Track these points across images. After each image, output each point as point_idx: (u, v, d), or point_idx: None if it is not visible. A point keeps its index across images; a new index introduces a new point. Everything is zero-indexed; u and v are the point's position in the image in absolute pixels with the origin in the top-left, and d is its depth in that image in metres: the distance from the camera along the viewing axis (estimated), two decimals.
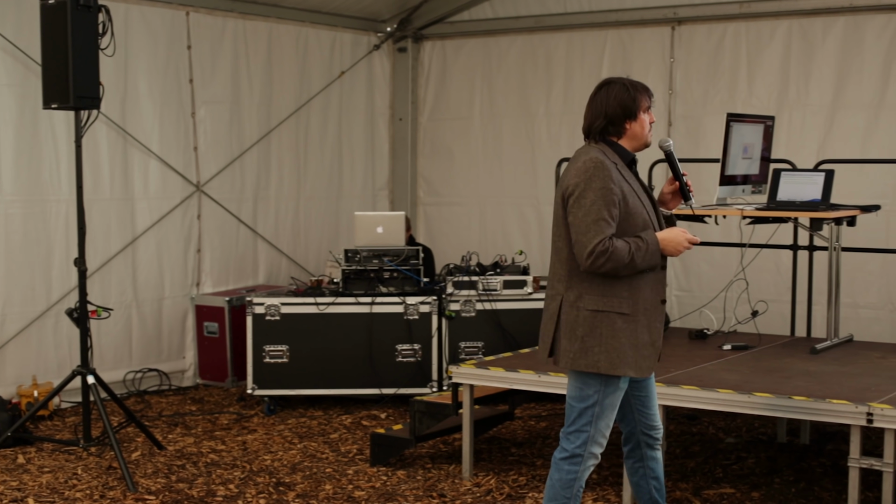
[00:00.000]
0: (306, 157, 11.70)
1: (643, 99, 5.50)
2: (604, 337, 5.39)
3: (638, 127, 5.49)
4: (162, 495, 7.27)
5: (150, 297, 10.30)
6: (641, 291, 5.42)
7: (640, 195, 5.46)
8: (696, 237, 5.45)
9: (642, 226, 5.39)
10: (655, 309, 5.49)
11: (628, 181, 5.41)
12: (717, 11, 10.63)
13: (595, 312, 5.39)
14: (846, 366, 7.48)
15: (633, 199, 5.39)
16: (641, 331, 5.45)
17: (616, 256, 5.25)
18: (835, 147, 9.99)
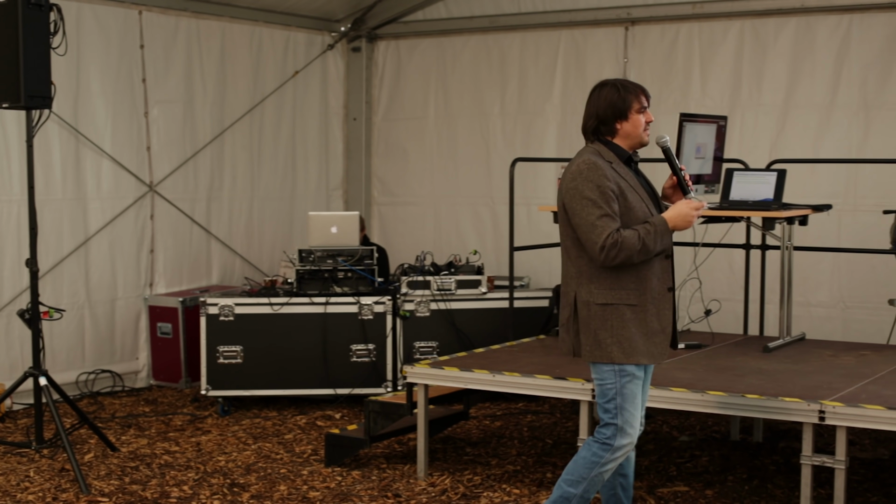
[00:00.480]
0: (260, 157, 11.67)
1: (634, 99, 5.64)
2: (615, 329, 5.58)
3: (630, 126, 5.66)
4: (115, 497, 7.23)
5: (102, 297, 10.24)
6: (648, 282, 5.59)
7: (639, 191, 5.61)
8: (702, 202, 5.63)
9: (641, 220, 5.55)
10: (663, 297, 5.63)
11: (625, 178, 5.59)
12: (670, 12, 10.68)
13: (604, 306, 5.59)
14: (798, 364, 7.53)
15: (632, 195, 5.56)
16: (651, 319, 5.61)
17: (627, 245, 5.44)
18: (787, 147, 10.05)
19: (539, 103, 11.33)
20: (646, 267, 5.58)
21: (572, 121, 11.14)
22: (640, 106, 5.65)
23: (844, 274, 10.01)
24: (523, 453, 8.27)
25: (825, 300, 10.10)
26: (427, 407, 7.59)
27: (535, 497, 7.21)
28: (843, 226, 9.92)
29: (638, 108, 5.65)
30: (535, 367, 7.40)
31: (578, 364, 7.37)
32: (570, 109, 11.17)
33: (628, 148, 5.70)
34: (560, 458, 8.08)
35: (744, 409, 6.59)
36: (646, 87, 5.71)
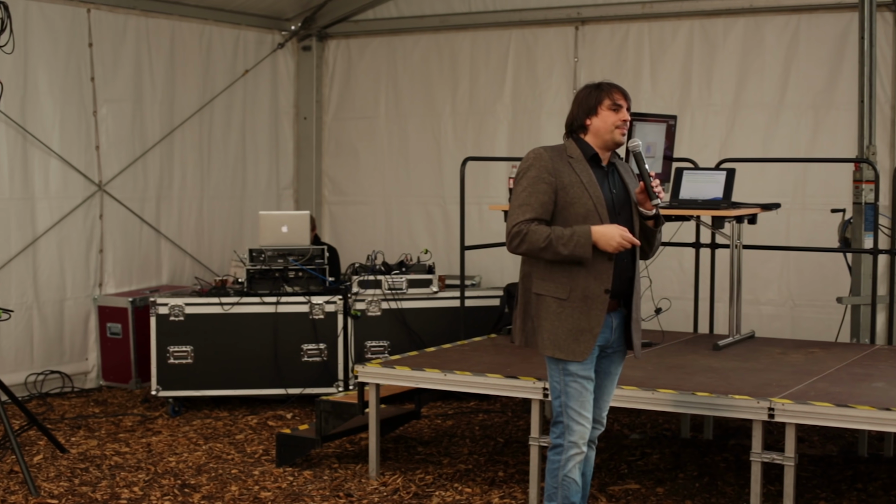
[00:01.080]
0: (210, 156, 11.61)
1: (606, 97, 5.67)
2: (542, 319, 5.64)
3: (599, 123, 5.66)
4: (65, 499, 7.18)
5: (51, 298, 10.15)
6: (580, 279, 5.57)
7: (592, 188, 5.59)
8: (635, 239, 5.58)
9: (584, 215, 5.55)
10: (597, 298, 5.59)
11: (580, 174, 5.60)
12: (620, 12, 10.72)
13: (537, 295, 5.66)
14: (748, 362, 7.58)
15: (576, 190, 5.57)
16: (579, 317, 5.59)
17: (530, 239, 5.52)
18: (736, 146, 10.11)
19: (490, 102, 11.35)
20: (578, 265, 5.57)
21: (523, 120, 11.18)
22: (612, 103, 5.66)
23: (793, 272, 10.09)
24: (475, 452, 8.27)
25: (774, 298, 10.18)
26: (378, 406, 7.59)
27: (486, 496, 7.22)
28: (792, 224, 10.00)
29: (609, 105, 5.65)
30: (487, 366, 7.41)
31: (529, 363, 7.42)
32: (521, 109, 11.19)
33: (599, 145, 5.69)
34: (511, 457, 8.10)
35: (694, 406, 6.63)
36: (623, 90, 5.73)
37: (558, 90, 11.04)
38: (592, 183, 5.61)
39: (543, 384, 6.87)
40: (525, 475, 7.33)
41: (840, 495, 7.21)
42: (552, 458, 5.78)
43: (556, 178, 5.57)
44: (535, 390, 6.90)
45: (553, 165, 5.59)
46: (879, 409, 6.13)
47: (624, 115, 5.67)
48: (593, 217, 5.56)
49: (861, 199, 8.90)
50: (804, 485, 7.33)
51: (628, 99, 5.71)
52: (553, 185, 5.57)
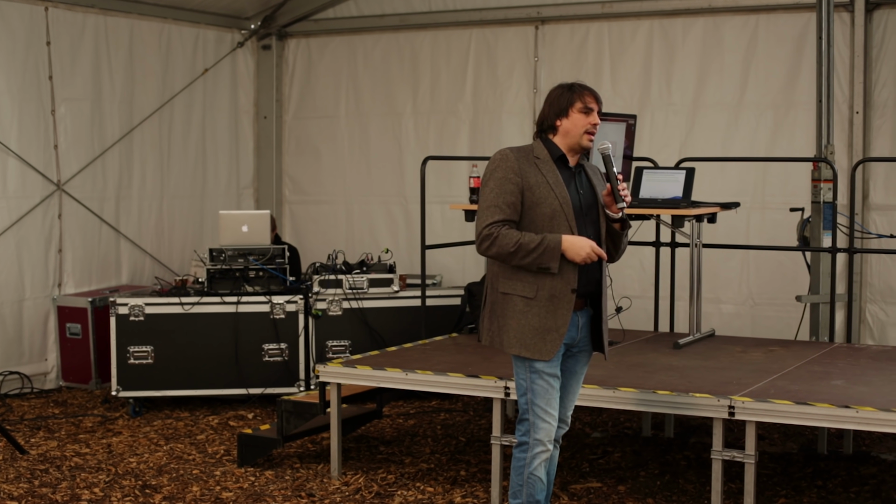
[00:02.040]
0: (170, 156, 11.56)
1: (577, 99, 5.66)
2: (508, 318, 5.66)
3: (569, 124, 5.66)
4: (25, 500, 7.13)
5: (9, 298, 10.08)
6: (547, 278, 5.58)
7: (559, 189, 5.60)
8: (602, 252, 5.61)
9: (550, 216, 5.57)
10: (564, 297, 5.61)
11: (546, 175, 5.62)
12: (580, 11, 10.75)
13: (504, 294, 5.69)
14: (708, 360, 7.62)
15: (542, 191, 5.59)
16: (546, 316, 5.61)
17: (499, 243, 5.54)
18: (696, 146, 10.17)
19: (451, 102, 11.35)
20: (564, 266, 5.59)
21: (484, 119, 11.19)
22: (583, 106, 5.65)
23: (753, 271, 10.15)
24: (437, 451, 8.28)
25: (734, 297, 10.23)
26: (340, 406, 7.58)
27: (448, 495, 7.23)
28: (752, 223, 10.06)
29: (580, 108, 5.64)
30: (448, 366, 7.41)
31: (491, 362, 7.43)
32: (483, 108, 11.21)
33: (567, 147, 5.70)
34: (473, 456, 8.11)
35: (655, 405, 6.66)
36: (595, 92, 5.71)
37: (519, 89, 11.06)
38: (559, 183, 5.62)
39: (505, 383, 6.88)
40: (487, 474, 7.34)
41: (800, 492, 7.26)
42: (517, 456, 5.78)
43: (522, 179, 5.59)
44: (496, 389, 6.91)
45: (519, 166, 5.61)
46: (839, 407, 6.17)
47: (594, 119, 5.67)
48: (559, 217, 5.57)
49: (819, 198, 8.96)
50: (765, 482, 7.37)
51: (600, 102, 5.72)
52: (520, 186, 5.58)
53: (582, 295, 5.69)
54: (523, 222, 5.60)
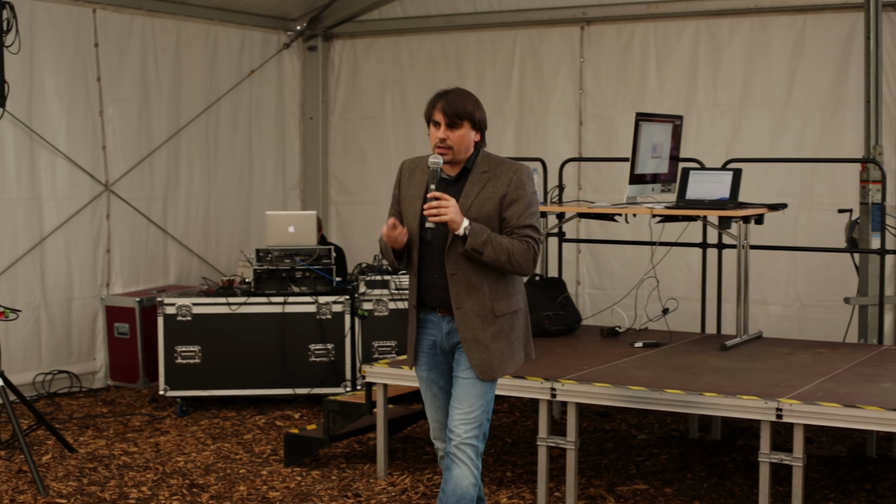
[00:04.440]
0: (216, 156, 11.62)
1: (431, 110, 5.48)
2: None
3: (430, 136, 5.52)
4: (73, 498, 7.19)
5: (58, 298, 10.16)
6: (409, 294, 5.67)
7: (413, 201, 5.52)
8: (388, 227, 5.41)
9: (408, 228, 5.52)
10: (412, 309, 5.67)
11: (416, 185, 5.55)
12: (626, 12, 10.72)
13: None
14: (756, 362, 7.58)
15: (405, 204, 5.58)
16: (409, 326, 5.73)
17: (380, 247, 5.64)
18: (743, 146, 10.11)
19: (497, 103, 11.34)
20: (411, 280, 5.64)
21: (530, 120, 11.18)
22: (432, 120, 5.46)
23: (800, 272, 10.09)
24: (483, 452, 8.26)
25: (781, 299, 10.18)
26: (386, 406, 7.60)
27: (495, 496, 7.23)
28: (799, 225, 10.00)
29: (431, 122, 5.48)
30: None
31: (537, 363, 7.43)
32: (528, 109, 11.20)
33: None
34: (519, 457, 8.10)
35: (702, 407, 6.64)
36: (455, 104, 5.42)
37: (564, 90, 11.04)
38: (416, 197, 5.51)
39: (551, 384, 6.89)
40: (533, 475, 7.34)
41: (849, 496, 7.22)
42: None
43: (399, 191, 5.63)
44: (542, 391, 6.91)
45: (403, 179, 5.63)
46: (887, 410, 6.14)
47: (441, 133, 5.42)
48: (411, 232, 5.49)
49: (868, 200, 8.90)
50: (812, 485, 7.33)
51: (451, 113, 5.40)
52: (397, 198, 5.65)
53: (436, 306, 5.56)
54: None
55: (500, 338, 5.52)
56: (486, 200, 5.43)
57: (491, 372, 5.50)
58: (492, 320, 5.48)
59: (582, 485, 7.36)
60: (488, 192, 5.44)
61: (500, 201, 5.44)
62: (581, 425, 7.81)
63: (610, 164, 10.39)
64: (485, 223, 5.38)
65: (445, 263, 5.43)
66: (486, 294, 5.45)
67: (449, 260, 5.42)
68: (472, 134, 5.54)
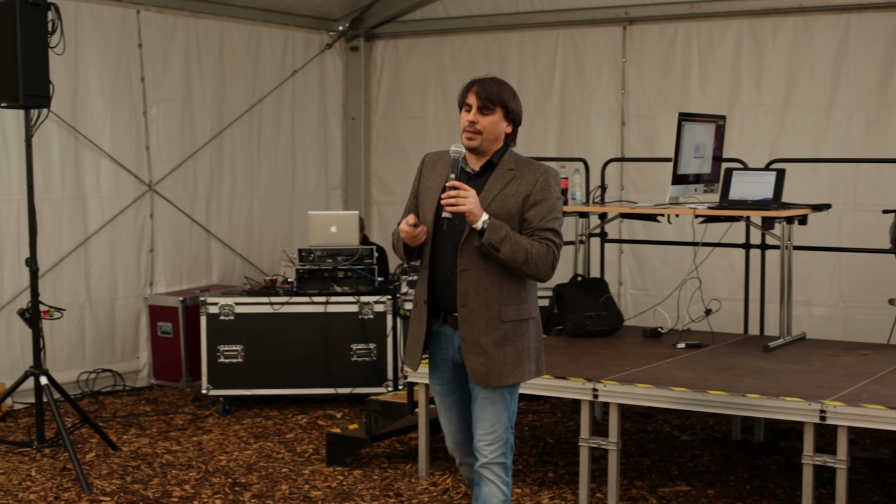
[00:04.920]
0: (259, 157, 11.67)
1: (464, 92, 5.32)
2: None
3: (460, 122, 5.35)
4: (117, 496, 7.23)
5: (102, 297, 10.23)
6: (417, 288, 5.46)
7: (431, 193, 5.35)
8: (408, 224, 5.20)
9: (423, 219, 5.35)
10: (420, 307, 5.40)
11: (437, 178, 5.38)
12: (668, 11, 10.68)
13: None
14: (799, 363, 7.54)
15: (423, 196, 5.40)
16: (414, 325, 5.48)
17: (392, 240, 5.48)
18: (786, 146, 10.06)
19: (539, 103, 11.33)
20: (422, 274, 5.39)
21: (572, 120, 11.16)
22: (464, 102, 5.30)
23: (844, 273, 10.03)
24: (524, 453, 8.27)
25: (825, 300, 10.11)
26: (428, 406, 7.59)
27: (536, 496, 7.22)
28: (843, 225, 9.93)
29: (462, 104, 5.32)
30: None
31: (579, 363, 7.42)
32: (570, 109, 11.18)
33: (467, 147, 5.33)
34: (561, 458, 8.10)
35: (745, 408, 6.61)
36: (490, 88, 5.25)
37: (607, 90, 11.01)
38: (435, 188, 5.33)
39: (593, 385, 6.87)
40: (575, 476, 7.33)
41: (893, 499, 7.17)
42: None
43: (419, 183, 5.47)
44: (584, 391, 6.89)
45: (424, 171, 5.48)
46: None
47: (470, 116, 5.27)
48: (426, 223, 5.29)
49: None
50: (857, 488, 7.29)
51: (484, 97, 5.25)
52: (416, 191, 5.48)
53: (441, 309, 5.36)
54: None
55: (503, 345, 5.22)
56: (508, 198, 5.22)
57: (487, 379, 5.22)
58: (496, 325, 5.21)
59: (624, 486, 7.34)
60: (512, 190, 5.23)
61: (523, 200, 5.22)
62: (623, 426, 7.79)
63: (652, 165, 10.37)
64: (504, 221, 5.16)
65: (458, 258, 5.22)
66: (496, 296, 5.21)
67: (462, 255, 5.20)
68: (504, 124, 5.31)
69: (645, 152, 10.63)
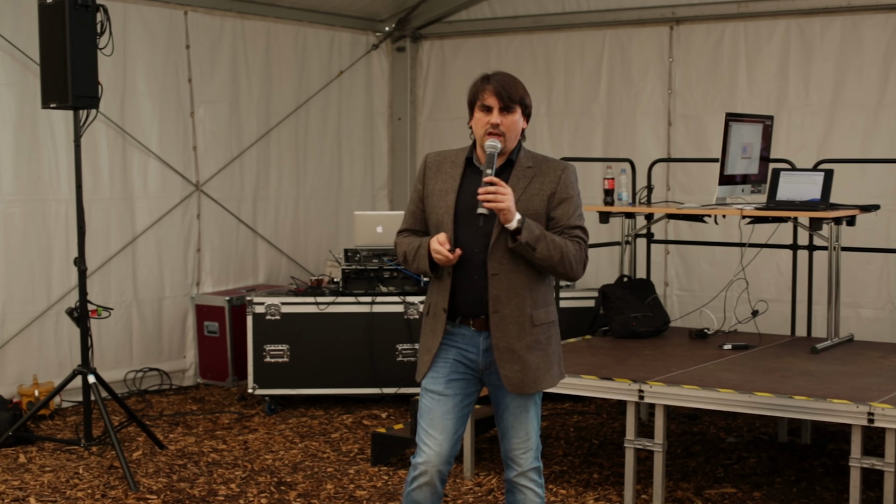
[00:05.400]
0: (305, 157, 11.70)
1: (479, 94, 5.08)
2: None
3: (474, 122, 5.13)
4: (163, 495, 7.27)
5: (150, 296, 10.30)
6: (433, 294, 5.18)
7: (445, 196, 5.12)
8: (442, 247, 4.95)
9: (436, 225, 5.12)
10: (438, 315, 5.12)
11: (448, 180, 5.15)
12: (716, 11, 10.63)
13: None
14: (847, 365, 7.49)
15: (434, 199, 5.14)
16: (427, 335, 5.20)
17: (397, 252, 5.25)
18: (834, 147, 9.99)
19: (585, 103, 11.30)
20: (435, 280, 5.15)
21: (618, 121, 11.13)
22: (482, 104, 5.07)
23: (893, 275, 9.94)
24: (570, 454, 8.26)
25: (873, 301, 10.03)
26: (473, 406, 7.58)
27: (581, 498, 7.21)
28: (892, 226, 9.85)
29: (479, 106, 5.08)
30: (582, 368, 7.39)
31: (625, 364, 7.40)
32: (617, 109, 11.14)
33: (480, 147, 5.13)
34: (606, 459, 8.07)
35: (792, 410, 6.57)
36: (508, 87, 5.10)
37: (653, 91, 10.97)
38: (448, 191, 5.12)
39: (639, 386, 6.85)
40: (620, 477, 7.31)
41: None
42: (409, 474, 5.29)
43: (424, 186, 5.20)
44: (630, 392, 6.87)
45: (428, 173, 5.20)
46: None
47: (494, 118, 5.06)
48: (442, 228, 5.07)
49: None
50: None
51: (505, 97, 5.08)
52: (421, 194, 5.21)
53: (470, 315, 5.12)
54: (430, 231, 5.18)
55: (535, 349, 5.10)
56: (533, 197, 5.07)
57: (522, 386, 5.07)
58: (529, 329, 5.07)
59: (669, 488, 7.32)
60: (535, 189, 5.09)
61: (548, 199, 5.10)
62: (669, 427, 7.76)
63: (699, 165, 10.32)
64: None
65: (488, 262, 5.01)
66: (527, 299, 5.07)
67: (492, 259, 5.01)
68: (522, 121, 5.19)
69: (691, 153, 10.58)
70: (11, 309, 9.33)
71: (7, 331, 9.31)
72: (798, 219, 8.12)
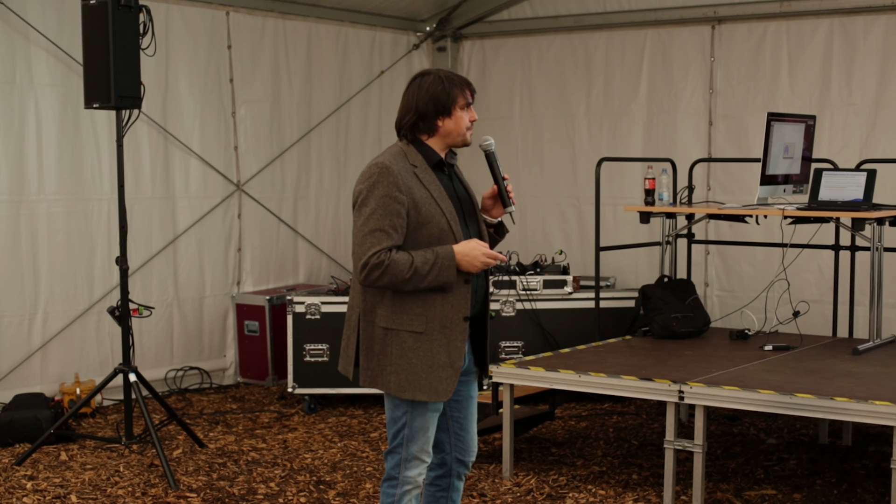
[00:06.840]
0: (346, 157, 11.72)
1: (459, 94, 5.03)
2: (394, 357, 4.95)
3: (451, 124, 5.04)
4: (203, 493, 7.31)
5: (191, 295, 10.35)
6: (437, 307, 4.95)
7: (443, 202, 4.99)
8: (499, 254, 5.02)
9: (438, 235, 4.95)
10: (456, 327, 4.97)
11: (428, 187, 4.97)
12: (758, 10, 10.57)
13: (386, 330, 4.97)
14: (889, 367, 7.44)
15: (429, 207, 4.94)
16: (438, 351, 4.95)
17: (393, 270, 4.82)
18: (877, 146, 9.91)
19: (625, 103, 11.27)
20: (438, 291, 4.94)
21: (659, 121, 11.08)
22: (465, 102, 5.05)
23: None
24: (609, 454, 8.24)
25: None
26: (512, 407, 7.59)
27: (620, 499, 7.19)
28: None
29: (462, 105, 5.03)
30: (621, 368, 7.37)
31: (665, 365, 7.37)
32: (657, 109, 11.10)
33: (443, 148, 5.10)
34: (646, 460, 8.05)
35: (832, 412, 6.53)
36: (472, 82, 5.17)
37: (694, 90, 10.92)
38: (443, 197, 5.00)
39: (679, 387, 6.83)
40: (660, 478, 7.29)
41: None
42: (386, 492, 5.10)
43: (407, 196, 4.90)
44: (670, 393, 6.85)
45: (403, 183, 4.90)
46: None
47: (474, 115, 5.13)
48: (448, 237, 4.95)
49: None
50: None
51: (475, 93, 5.17)
52: (405, 205, 4.89)
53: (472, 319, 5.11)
54: (407, 244, 4.92)
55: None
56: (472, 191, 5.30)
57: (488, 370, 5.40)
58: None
59: (709, 489, 7.29)
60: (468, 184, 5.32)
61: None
62: (709, 428, 7.72)
63: (740, 165, 10.27)
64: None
65: None
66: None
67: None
68: None
69: (733, 153, 10.53)
70: (54, 308, 9.39)
71: (49, 329, 9.38)
72: (840, 219, 8.06)
